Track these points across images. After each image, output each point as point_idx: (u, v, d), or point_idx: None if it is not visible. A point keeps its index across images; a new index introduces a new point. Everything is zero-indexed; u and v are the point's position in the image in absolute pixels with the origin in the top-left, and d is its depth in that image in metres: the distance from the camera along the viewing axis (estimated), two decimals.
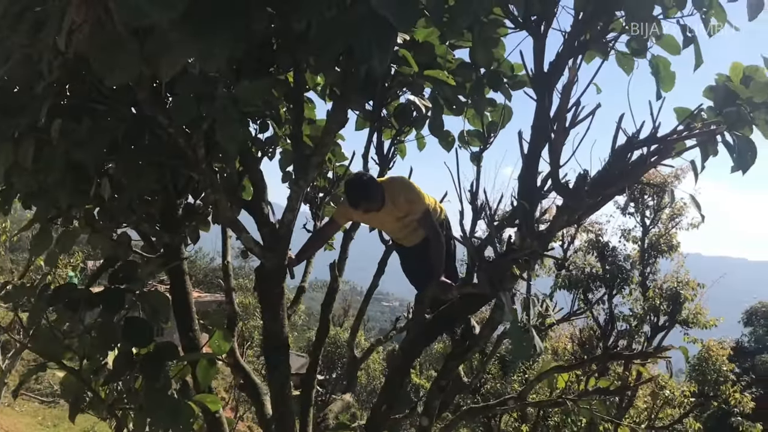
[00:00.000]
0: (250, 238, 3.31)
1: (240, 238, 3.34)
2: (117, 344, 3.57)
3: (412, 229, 4.46)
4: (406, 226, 4.43)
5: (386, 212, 4.21)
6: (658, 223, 15.66)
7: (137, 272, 3.77)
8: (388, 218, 4.30)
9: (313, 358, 4.65)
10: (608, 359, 4.81)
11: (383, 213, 4.21)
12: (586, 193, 2.66)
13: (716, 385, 14.86)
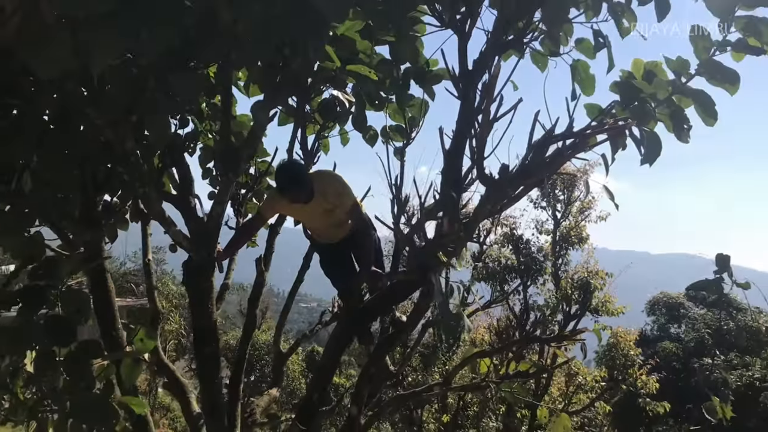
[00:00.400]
0: (179, 232, 3.29)
1: (169, 233, 3.31)
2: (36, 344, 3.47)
3: (338, 223, 4.52)
4: (332, 220, 4.48)
5: (315, 204, 4.25)
6: (569, 216, 16.38)
7: (58, 270, 3.68)
8: (317, 211, 4.33)
9: (240, 352, 4.64)
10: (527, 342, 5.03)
11: (312, 205, 4.24)
12: (508, 184, 2.81)
13: (624, 369, 15.72)
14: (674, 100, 3.38)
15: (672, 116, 3.39)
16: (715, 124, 3.38)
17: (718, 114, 3.38)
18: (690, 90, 3.33)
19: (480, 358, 4.50)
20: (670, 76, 3.36)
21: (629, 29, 3.42)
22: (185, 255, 3.70)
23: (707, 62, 3.23)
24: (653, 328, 32.42)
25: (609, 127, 3.23)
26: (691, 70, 3.30)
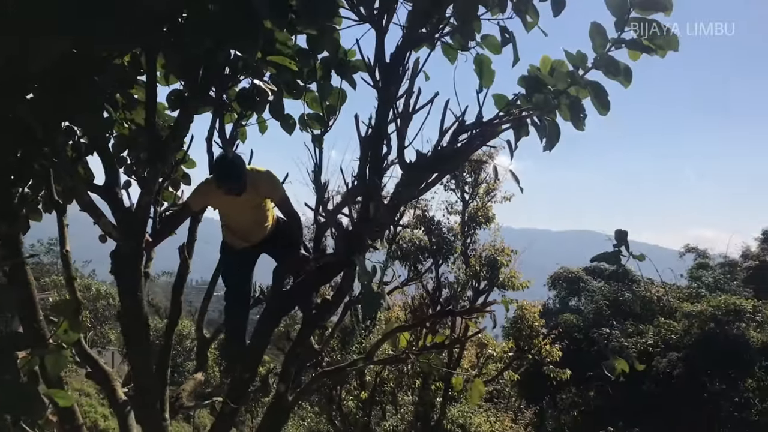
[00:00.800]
0: (109, 222, 3.34)
1: (98, 223, 3.36)
2: None
3: (262, 221, 4.66)
4: (257, 217, 4.60)
5: (246, 198, 4.33)
6: (476, 198, 17.00)
7: None
8: (247, 205, 4.42)
9: (166, 339, 4.72)
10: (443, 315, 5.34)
11: (243, 198, 4.31)
12: (426, 170, 3.06)
13: (530, 339, 16.60)
14: (572, 91, 3.70)
15: (570, 106, 3.71)
16: (608, 113, 3.74)
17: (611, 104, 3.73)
18: (586, 81, 3.65)
19: (400, 332, 4.77)
20: (570, 69, 3.68)
21: (533, 24, 3.70)
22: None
23: (603, 57, 3.54)
24: (555, 302, 34.09)
25: (513, 118, 3.53)
26: (589, 63, 3.62)
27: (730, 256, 36.14)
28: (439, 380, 15.26)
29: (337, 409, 15.86)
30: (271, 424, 4.30)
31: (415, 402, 15.72)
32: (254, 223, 4.64)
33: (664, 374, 23.95)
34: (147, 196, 3.41)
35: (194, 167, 5.34)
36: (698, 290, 29.95)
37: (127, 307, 3.61)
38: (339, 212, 3.80)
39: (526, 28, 3.65)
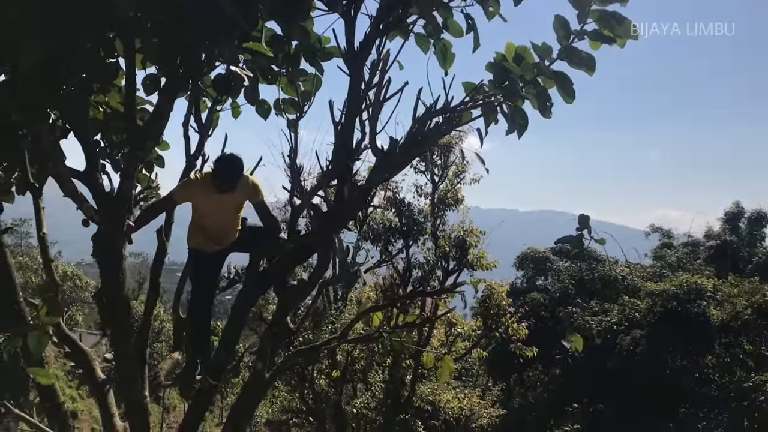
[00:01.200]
0: (91, 207, 3.45)
1: (81, 208, 3.45)
2: None
3: (235, 224, 4.76)
4: (234, 218, 4.71)
5: (230, 198, 4.47)
6: (445, 180, 17.23)
7: None
8: (229, 204, 4.54)
9: (145, 319, 4.82)
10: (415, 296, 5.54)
11: (227, 198, 4.45)
12: (397, 155, 3.23)
13: (497, 318, 16.98)
14: (539, 81, 3.87)
15: (537, 96, 3.89)
16: (573, 102, 3.92)
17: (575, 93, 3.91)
18: (552, 72, 3.84)
19: (373, 312, 4.96)
20: (536, 59, 3.85)
21: (494, 13, 3.86)
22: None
23: (567, 48, 3.74)
24: (522, 281, 34.64)
25: (480, 103, 3.71)
26: (554, 54, 3.80)
27: (694, 235, 37.08)
28: (410, 358, 15.56)
29: (309, 388, 16.09)
30: (249, 400, 4.45)
31: (386, 380, 16.03)
32: (229, 226, 4.73)
33: (627, 351, 24.57)
34: (128, 182, 3.52)
35: (168, 149, 5.42)
36: (661, 270, 30.71)
37: (109, 288, 3.73)
38: (314, 194, 3.95)
39: (488, 16, 3.81)
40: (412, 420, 16.69)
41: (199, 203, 4.55)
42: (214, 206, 4.54)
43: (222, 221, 4.69)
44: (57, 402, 4.70)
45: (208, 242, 4.73)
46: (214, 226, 4.69)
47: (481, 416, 17.83)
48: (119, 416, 5.09)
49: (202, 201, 4.51)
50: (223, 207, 4.55)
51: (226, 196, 4.42)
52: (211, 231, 4.69)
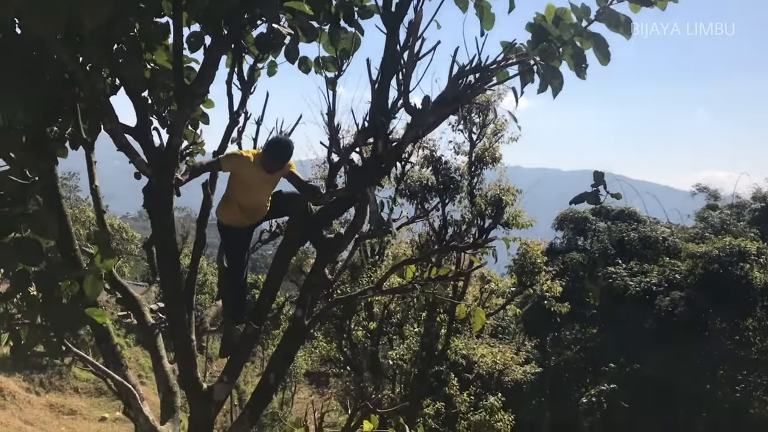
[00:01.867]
0: (143, 161, 3.67)
1: (133, 162, 3.68)
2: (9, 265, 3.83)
3: (267, 201, 4.96)
4: (268, 196, 4.91)
5: (273, 176, 4.70)
6: (484, 138, 17.20)
7: (23, 196, 4.01)
8: (268, 183, 4.76)
9: (192, 269, 5.09)
10: (448, 250, 5.70)
11: (271, 176, 4.68)
12: (429, 112, 3.36)
13: (532, 275, 17.11)
14: (576, 42, 3.91)
15: (574, 56, 3.94)
16: (608, 64, 3.97)
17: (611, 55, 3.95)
18: (589, 33, 3.87)
19: (407, 265, 5.15)
20: (574, 20, 3.88)
21: None
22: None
23: (605, 10, 3.77)
24: (562, 242, 34.52)
25: (514, 62, 3.79)
26: (592, 16, 3.83)
27: (741, 196, 36.25)
28: (444, 313, 15.85)
29: (346, 339, 16.54)
30: (289, 345, 4.71)
31: (421, 333, 16.37)
32: (264, 203, 4.94)
33: (666, 313, 24.46)
34: (176, 138, 3.73)
35: (212, 107, 5.62)
36: (704, 231, 30.21)
37: (160, 238, 3.98)
38: (352, 151, 4.11)
39: None
40: (446, 372, 17.09)
41: (244, 178, 4.70)
42: (257, 184, 4.73)
43: (259, 199, 4.89)
44: (111, 343, 5.04)
45: (241, 218, 4.93)
46: (251, 203, 4.87)
47: (515, 372, 18.12)
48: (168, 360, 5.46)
49: (247, 176, 4.67)
50: (264, 186, 4.77)
51: (270, 175, 4.64)
52: (247, 207, 4.87)
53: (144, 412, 4.87)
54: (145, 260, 34.82)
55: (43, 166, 4.46)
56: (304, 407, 37.25)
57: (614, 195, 3.48)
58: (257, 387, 4.65)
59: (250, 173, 4.65)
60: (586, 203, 3.86)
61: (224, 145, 5.23)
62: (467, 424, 17.60)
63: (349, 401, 17.69)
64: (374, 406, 4.95)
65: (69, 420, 21.52)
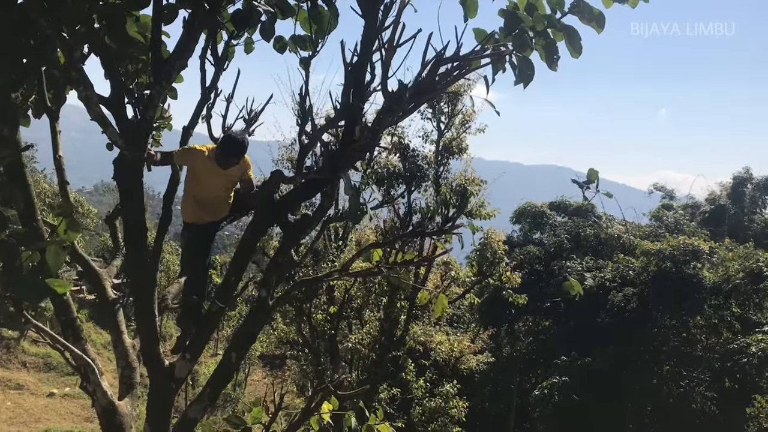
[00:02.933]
0: (115, 131, 3.61)
1: (106, 132, 3.62)
2: None
3: (227, 198, 4.99)
4: (227, 193, 4.94)
5: (229, 172, 4.74)
6: (451, 128, 17.33)
7: None
8: (225, 178, 4.79)
9: (156, 245, 5.04)
10: (414, 235, 5.75)
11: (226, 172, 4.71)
12: (407, 99, 3.38)
13: (492, 265, 17.37)
14: (549, 33, 3.95)
15: (546, 47, 3.96)
16: (579, 57, 4.03)
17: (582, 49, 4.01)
18: (562, 25, 3.91)
19: (373, 248, 5.19)
20: (548, 11, 3.92)
21: None
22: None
23: (580, 3, 3.81)
24: (519, 235, 35.08)
25: (490, 53, 3.82)
26: (566, 8, 3.88)
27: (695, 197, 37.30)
28: (404, 299, 15.99)
29: (306, 322, 16.58)
30: (252, 325, 4.70)
31: (380, 318, 16.49)
32: (223, 199, 4.95)
33: (618, 308, 25.10)
34: (151, 111, 3.68)
35: (182, 81, 5.55)
36: (658, 230, 31.02)
37: (129, 210, 3.93)
38: (324, 131, 4.11)
39: None
40: (403, 358, 17.27)
41: (198, 171, 4.73)
42: (210, 178, 4.75)
43: (215, 193, 4.89)
44: (71, 316, 4.97)
45: (199, 213, 4.95)
46: (206, 198, 4.86)
47: (470, 360, 18.40)
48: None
49: (200, 170, 4.70)
50: (218, 180, 4.78)
51: (225, 171, 4.68)
52: (203, 201, 4.87)
53: (102, 386, 4.83)
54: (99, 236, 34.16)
55: (6, 132, 4.35)
56: (257, 389, 37.22)
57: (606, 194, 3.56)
58: (218, 365, 4.64)
59: (204, 167, 4.67)
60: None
61: (194, 121, 5.18)
62: (422, 410, 17.85)
63: (307, 383, 17.78)
64: (335, 388, 4.97)
65: (15, 395, 21.08)
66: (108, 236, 28.38)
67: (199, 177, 4.77)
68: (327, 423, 5.35)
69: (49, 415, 20.13)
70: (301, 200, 4.52)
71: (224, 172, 4.73)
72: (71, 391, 22.48)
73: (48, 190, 25.81)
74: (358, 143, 3.38)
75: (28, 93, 5.09)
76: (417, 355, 18.12)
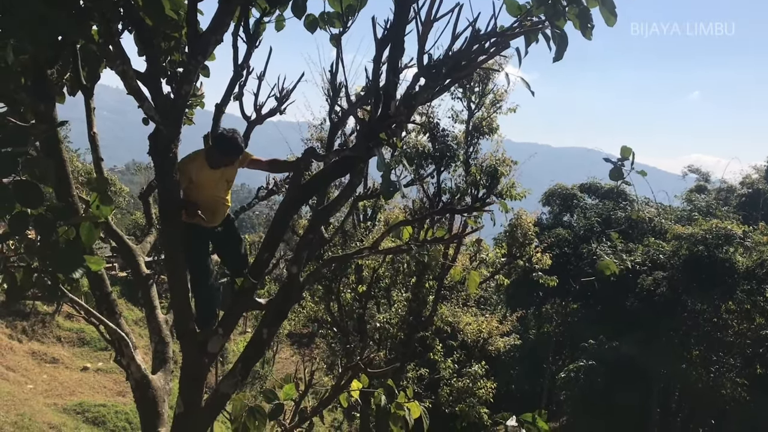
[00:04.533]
0: (151, 106, 3.62)
1: (142, 107, 3.63)
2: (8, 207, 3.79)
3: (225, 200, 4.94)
4: (225, 194, 4.90)
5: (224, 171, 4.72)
6: (482, 108, 17.14)
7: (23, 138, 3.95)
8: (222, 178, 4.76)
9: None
10: (444, 212, 5.72)
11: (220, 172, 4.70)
12: (444, 75, 3.33)
13: (522, 246, 17.25)
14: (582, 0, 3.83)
15: (579, 15, 3.84)
16: (615, 23, 3.90)
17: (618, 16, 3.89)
18: None
19: (403, 226, 5.17)
20: None
21: None
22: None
23: None
24: (549, 217, 34.78)
25: (527, 29, 3.74)
26: None
27: (728, 181, 36.56)
28: (433, 279, 15.99)
29: (335, 300, 16.66)
30: (283, 301, 4.72)
31: (409, 298, 16.52)
32: (221, 200, 4.89)
33: (647, 292, 24.80)
34: (187, 86, 3.68)
35: (214, 60, 5.56)
36: (691, 213, 30.50)
37: (164, 185, 3.95)
38: (356, 109, 4.08)
39: None
40: (431, 338, 17.29)
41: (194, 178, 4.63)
42: (206, 180, 4.68)
43: (213, 193, 4.80)
44: (106, 291, 5.04)
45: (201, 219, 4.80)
46: (205, 199, 4.73)
47: (497, 341, 18.37)
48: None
49: (196, 175, 4.62)
50: (215, 181, 4.74)
51: (220, 170, 4.66)
52: (204, 204, 4.72)
53: (136, 360, 4.90)
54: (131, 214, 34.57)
55: (42, 108, 4.40)
56: (285, 367, 37.64)
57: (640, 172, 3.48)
58: (249, 341, 4.67)
59: (199, 172, 4.63)
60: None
61: (226, 99, 5.18)
62: (450, 390, 17.90)
63: (335, 362, 17.91)
64: (365, 366, 4.98)
65: (51, 368, 21.58)
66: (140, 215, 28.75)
67: (196, 182, 4.67)
68: (356, 400, 5.39)
69: (83, 389, 20.58)
70: (333, 178, 4.50)
71: (219, 171, 4.70)
72: (104, 365, 22.95)
73: (81, 169, 26.16)
74: (393, 119, 3.34)
75: (63, 70, 5.14)
76: (445, 336, 18.14)
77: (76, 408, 18.27)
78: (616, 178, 3.76)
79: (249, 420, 4.75)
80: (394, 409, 5.07)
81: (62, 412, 17.74)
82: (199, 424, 4.54)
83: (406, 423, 4.70)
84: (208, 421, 4.66)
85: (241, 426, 4.79)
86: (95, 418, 18.01)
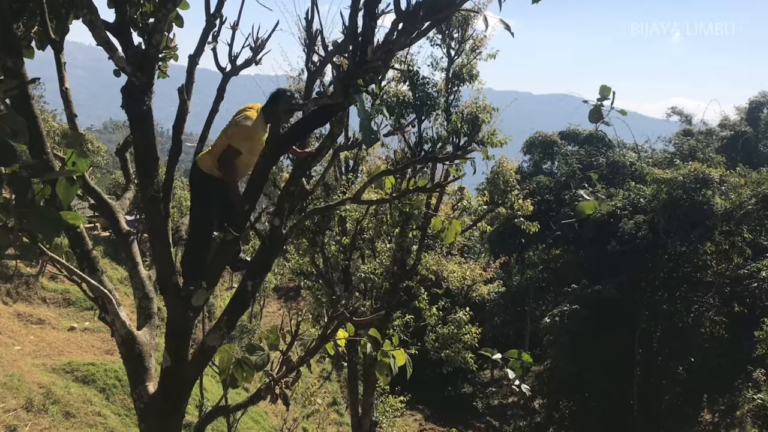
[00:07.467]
0: (122, 57, 3.52)
1: (112, 58, 3.53)
2: None
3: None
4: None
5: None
6: (462, 54, 16.94)
7: None
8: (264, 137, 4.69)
9: (168, 175, 5.00)
10: (426, 161, 5.69)
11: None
12: (422, 18, 3.26)
13: (504, 194, 17.33)
14: None
15: None
16: None
17: None
18: None
19: (385, 176, 5.15)
20: None
21: None
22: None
23: None
24: (529, 165, 34.92)
25: None
26: None
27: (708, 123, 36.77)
28: (416, 229, 16.07)
29: (319, 253, 16.71)
30: (267, 254, 4.71)
31: (393, 249, 16.61)
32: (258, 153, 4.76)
33: (629, 235, 25.16)
34: (158, 35, 3.58)
35: (187, 8, 5.40)
36: (672, 157, 30.75)
37: (139, 139, 3.88)
38: (333, 57, 4.00)
39: None
40: (416, 287, 17.47)
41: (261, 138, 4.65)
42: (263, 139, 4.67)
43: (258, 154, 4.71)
44: (86, 248, 4.99)
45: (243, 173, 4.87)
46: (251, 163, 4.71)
47: (481, 288, 18.61)
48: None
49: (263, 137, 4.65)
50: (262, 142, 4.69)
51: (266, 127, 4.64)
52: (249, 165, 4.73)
53: (120, 316, 4.89)
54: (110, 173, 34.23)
55: (10, 64, 4.27)
56: (272, 320, 38.02)
57: (620, 111, 3.44)
58: (234, 294, 4.68)
59: (264, 132, 4.64)
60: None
61: (200, 50, 5.06)
62: (435, 336, 18.19)
63: (322, 313, 18.06)
64: (350, 315, 5.02)
65: (38, 329, 21.59)
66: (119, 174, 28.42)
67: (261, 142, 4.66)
68: (342, 350, 5.44)
69: (70, 348, 20.66)
70: (312, 128, 4.45)
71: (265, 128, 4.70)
72: (91, 324, 22.99)
73: (57, 129, 25.70)
74: (370, 65, 3.27)
75: (30, 24, 4.97)
76: (429, 284, 18.32)
77: (65, 367, 18.36)
78: (596, 120, 3.72)
79: (237, 371, 4.78)
80: (380, 357, 5.12)
81: (51, 372, 17.82)
82: (187, 376, 4.57)
83: (390, 370, 4.76)
84: (195, 374, 4.69)
85: (229, 377, 4.82)
86: (84, 377, 18.13)
